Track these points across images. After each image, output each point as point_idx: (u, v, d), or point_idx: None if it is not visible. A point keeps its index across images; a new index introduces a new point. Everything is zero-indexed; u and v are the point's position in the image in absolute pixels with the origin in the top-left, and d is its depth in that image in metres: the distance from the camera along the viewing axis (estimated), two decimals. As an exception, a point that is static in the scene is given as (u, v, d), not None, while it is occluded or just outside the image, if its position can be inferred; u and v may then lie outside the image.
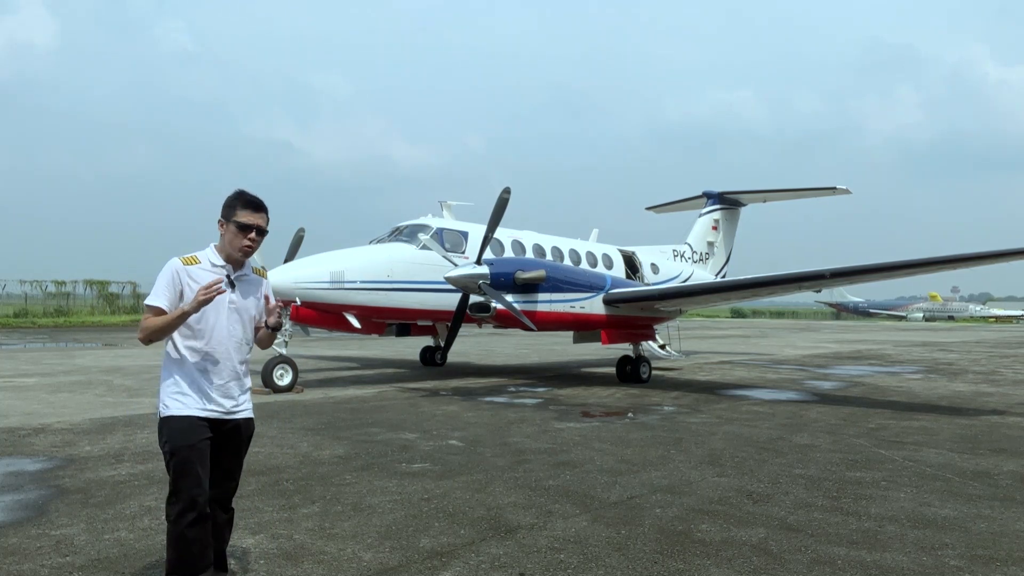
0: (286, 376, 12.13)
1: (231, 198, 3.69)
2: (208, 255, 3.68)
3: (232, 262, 3.70)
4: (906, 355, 23.66)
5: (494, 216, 12.96)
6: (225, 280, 3.62)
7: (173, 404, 3.53)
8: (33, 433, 8.19)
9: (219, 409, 3.60)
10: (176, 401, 3.53)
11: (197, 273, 3.58)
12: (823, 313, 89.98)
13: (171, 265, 3.58)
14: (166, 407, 3.55)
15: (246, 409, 3.74)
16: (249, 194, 3.72)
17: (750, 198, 24.00)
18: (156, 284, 3.57)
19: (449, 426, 8.99)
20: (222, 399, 3.61)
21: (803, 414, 10.33)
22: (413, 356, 19.78)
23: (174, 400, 3.54)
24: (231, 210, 3.65)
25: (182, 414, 3.51)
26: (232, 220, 3.64)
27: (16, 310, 41.11)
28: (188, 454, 3.46)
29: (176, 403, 3.53)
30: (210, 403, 3.58)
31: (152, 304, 3.52)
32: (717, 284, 17.97)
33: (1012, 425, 9.55)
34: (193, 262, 3.61)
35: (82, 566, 4.14)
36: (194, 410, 3.53)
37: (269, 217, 3.77)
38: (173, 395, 3.55)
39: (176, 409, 3.52)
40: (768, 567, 4.25)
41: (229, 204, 3.67)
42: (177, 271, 3.57)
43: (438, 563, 4.26)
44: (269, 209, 3.78)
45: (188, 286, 3.54)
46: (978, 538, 4.80)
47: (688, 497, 5.75)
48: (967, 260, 12.54)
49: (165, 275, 3.56)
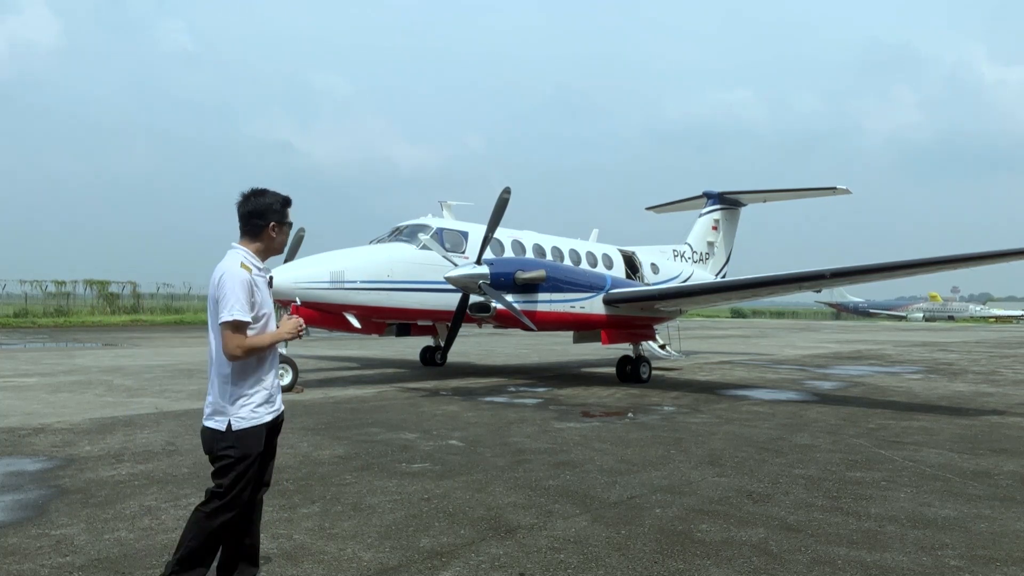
0: (286, 376, 12.13)
1: (280, 198, 3.71)
2: (252, 260, 3.65)
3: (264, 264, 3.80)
4: (906, 355, 23.66)
5: (494, 216, 12.96)
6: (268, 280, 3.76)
7: (249, 415, 3.55)
8: (33, 433, 8.19)
9: (278, 409, 3.74)
10: (251, 411, 3.57)
11: (259, 281, 3.64)
12: (823, 313, 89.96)
13: (243, 276, 3.52)
14: (241, 418, 3.53)
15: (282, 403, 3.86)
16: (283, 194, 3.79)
17: (750, 198, 24.00)
18: (236, 296, 3.46)
19: (449, 426, 8.99)
20: (278, 398, 3.75)
21: (803, 414, 10.33)
22: (413, 356, 19.78)
23: (249, 410, 3.56)
24: (284, 212, 3.71)
25: (256, 424, 3.57)
26: (286, 222, 3.72)
27: (16, 310, 41.08)
28: (253, 467, 3.57)
29: (251, 413, 3.56)
30: (274, 405, 3.70)
31: (245, 320, 3.47)
32: (717, 284, 17.97)
33: (1012, 425, 9.55)
34: (250, 269, 3.59)
35: (82, 566, 4.14)
36: (265, 417, 3.62)
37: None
38: (246, 405, 3.56)
39: (251, 420, 3.56)
40: (768, 567, 4.25)
41: (283, 204, 3.71)
42: (251, 281, 3.55)
43: (438, 563, 4.26)
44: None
45: (258, 294, 3.59)
46: (978, 538, 4.81)
47: (688, 497, 5.75)
48: (967, 260, 12.55)
49: (244, 286, 3.50)
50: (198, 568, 3.53)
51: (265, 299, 3.66)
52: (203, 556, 3.54)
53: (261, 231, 3.67)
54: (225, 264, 3.56)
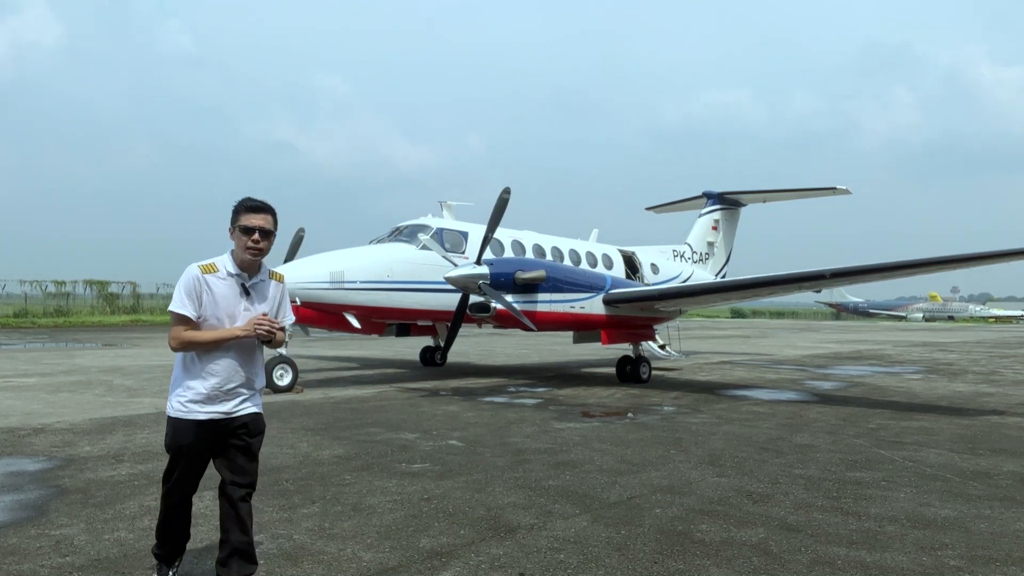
0: (286, 376, 12.14)
1: (236, 205, 3.77)
2: (225, 263, 3.74)
3: (246, 269, 3.75)
4: (906, 355, 23.66)
5: (494, 216, 12.96)
6: (240, 288, 3.73)
7: (178, 407, 3.67)
8: (33, 433, 8.19)
9: (224, 412, 3.70)
10: (181, 404, 3.66)
11: (214, 282, 3.66)
12: (823, 313, 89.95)
13: (191, 273, 3.65)
14: (172, 407, 3.69)
15: (254, 406, 3.85)
16: (254, 199, 3.78)
17: (750, 198, 23.99)
18: (177, 291, 3.65)
19: (449, 426, 8.99)
20: (229, 401, 3.72)
21: (803, 414, 10.33)
22: (413, 356, 19.77)
23: (179, 402, 3.67)
24: (236, 216, 3.74)
25: (185, 417, 3.65)
26: (237, 225, 3.71)
27: (16, 310, 41.06)
28: (180, 458, 3.71)
29: (181, 406, 3.66)
30: (215, 405, 3.68)
31: (180, 312, 3.59)
32: (717, 284, 17.97)
33: (1012, 425, 9.55)
34: (211, 270, 3.68)
35: (82, 566, 4.14)
36: (197, 414, 3.65)
37: (276, 219, 3.82)
38: (180, 397, 3.67)
39: (180, 412, 3.66)
40: (768, 567, 4.25)
41: (235, 211, 3.75)
42: (198, 279, 3.64)
43: (438, 563, 4.26)
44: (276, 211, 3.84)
45: (207, 294, 3.63)
46: (978, 538, 4.80)
47: (688, 497, 5.75)
48: (967, 260, 12.54)
49: (186, 282, 3.63)
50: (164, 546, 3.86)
51: (219, 302, 3.66)
52: (164, 533, 3.84)
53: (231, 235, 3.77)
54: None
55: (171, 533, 3.87)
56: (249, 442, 3.80)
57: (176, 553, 3.94)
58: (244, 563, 3.70)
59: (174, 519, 3.84)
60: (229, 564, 3.67)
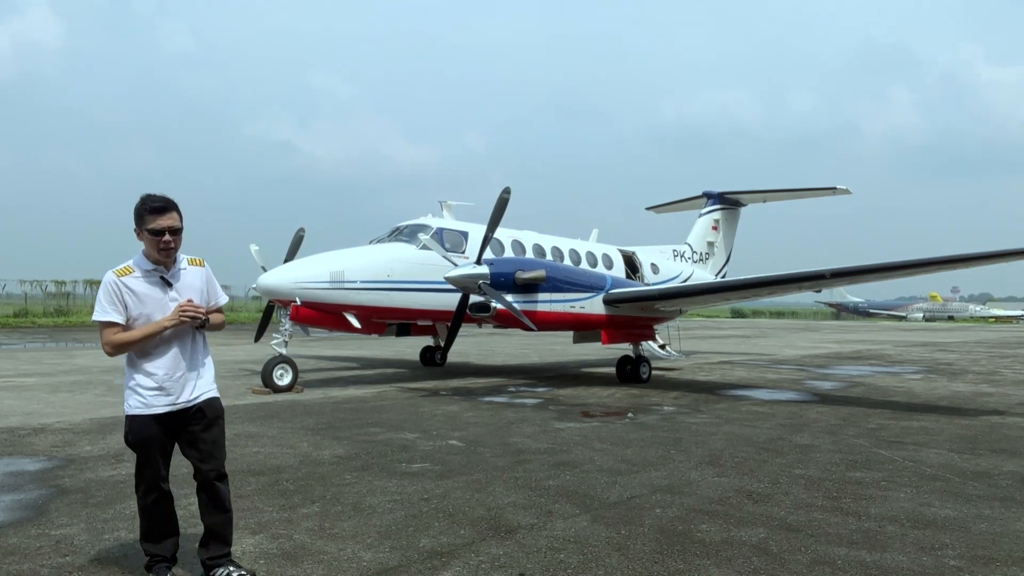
0: (286, 376, 12.14)
1: (138, 206, 3.78)
2: (139, 262, 3.83)
3: (161, 264, 3.83)
4: (906, 355, 23.66)
5: (494, 216, 12.96)
6: (160, 281, 3.82)
7: (136, 404, 3.82)
8: (33, 433, 8.19)
9: (179, 401, 3.84)
10: (138, 401, 3.81)
11: (132, 283, 3.77)
12: (823, 313, 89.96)
13: (107, 280, 3.78)
14: (129, 406, 3.85)
15: (207, 392, 3.95)
16: (155, 198, 3.77)
17: (750, 198, 23.99)
18: (99, 301, 3.78)
19: (449, 426, 8.99)
20: (181, 391, 3.85)
21: (803, 414, 10.33)
22: (413, 356, 19.77)
23: (136, 400, 3.82)
24: (140, 219, 3.77)
25: (142, 414, 3.80)
26: (144, 229, 3.75)
27: (16, 310, 41.07)
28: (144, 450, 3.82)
29: (138, 403, 3.81)
30: (167, 397, 3.81)
31: (107, 320, 3.74)
32: (717, 284, 17.97)
33: (1012, 425, 9.55)
34: (127, 272, 3.79)
35: (82, 566, 4.14)
36: (153, 408, 3.79)
37: (181, 214, 3.84)
38: (134, 395, 3.83)
39: (137, 409, 3.81)
40: (768, 567, 4.25)
41: (138, 214, 3.78)
42: (115, 284, 3.76)
43: (438, 563, 4.26)
44: (178, 203, 3.85)
45: (129, 296, 3.75)
46: (978, 538, 4.80)
47: (688, 497, 5.75)
48: (967, 260, 12.54)
49: (106, 291, 3.77)
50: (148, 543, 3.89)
51: (143, 300, 3.77)
52: (147, 531, 3.88)
53: (138, 236, 3.84)
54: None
55: (159, 529, 3.89)
56: (208, 426, 3.91)
57: (171, 551, 3.93)
58: (219, 544, 3.89)
59: (159, 514, 3.88)
60: (207, 545, 3.90)
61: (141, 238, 3.80)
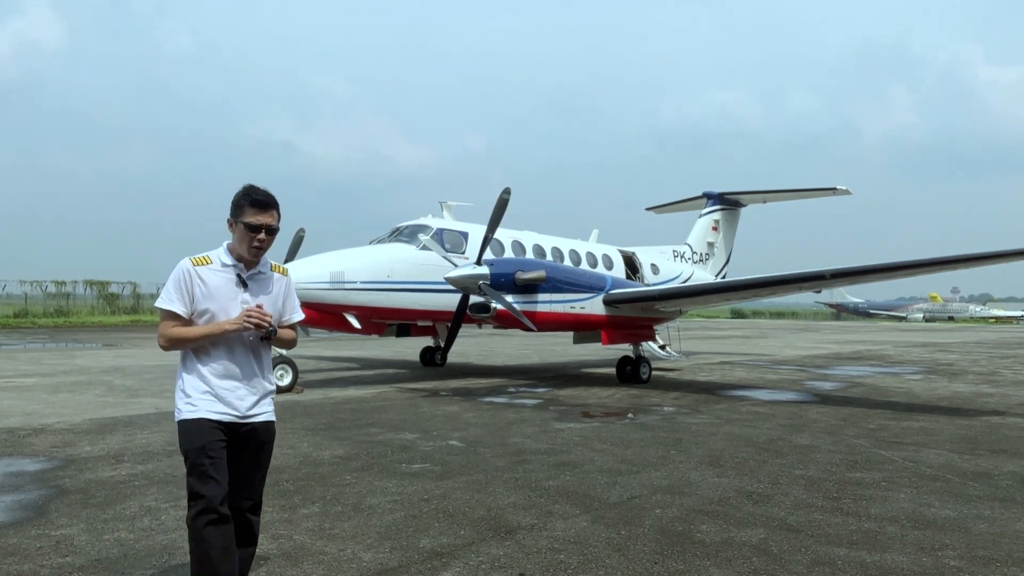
0: (286, 376, 12.13)
1: (239, 196, 3.51)
2: (219, 255, 3.54)
3: (244, 261, 3.54)
4: (906, 356, 23.65)
5: (494, 216, 12.96)
6: (236, 279, 3.52)
7: (186, 408, 3.42)
8: (33, 433, 8.19)
9: (234, 413, 3.45)
10: (189, 405, 3.42)
11: (207, 275, 3.46)
12: (823, 313, 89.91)
13: (181, 266, 3.45)
14: (179, 411, 3.44)
15: (264, 413, 3.57)
16: (258, 191, 3.52)
17: (750, 199, 23.99)
18: (167, 286, 3.47)
19: (449, 426, 8.99)
20: (236, 402, 3.46)
21: (803, 415, 10.33)
22: (413, 356, 19.77)
23: (187, 404, 3.42)
24: (239, 210, 3.48)
25: (194, 417, 3.39)
26: (240, 220, 3.46)
27: (16, 310, 41.07)
28: (201, 457, 3.32)
29: (188, 407, 3.41)
30: (224, 406, 3.43)
31: (167, 308, 3.41)
32: (717, 284, 17.97)
33: (1012, 426, 9.54)
34: (204, 262, 3.48)
35: (82, 566, 4.14)
36: (206, 413, 3.39)
37: (280, 213, 3.58)
38: (185, 399, 3.44)
39: (188, 413, 3.40)
40: (768, 567, 4.25)
41: (237, 203, 3.49)
42: (188, 272, 3.44)
43: (438, 563, 4.26)
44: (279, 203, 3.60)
45: (199, 288, 3.43)
46: (978, 538, 4.80)
47: (688, 497, 5.75)
48: (967, 260, 12.54)
49: (176, 277, 3.45)
50: None
51: (213, 294, 3.45)
52: (203, 565, 3.24)
53: (230, 227, 3.57)
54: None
55: (211, 570, 3.24)
56: (256, 452, 3.54)
57: None
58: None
59: (215, 541, 3.24)
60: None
61: (232, 230, 3.51)
